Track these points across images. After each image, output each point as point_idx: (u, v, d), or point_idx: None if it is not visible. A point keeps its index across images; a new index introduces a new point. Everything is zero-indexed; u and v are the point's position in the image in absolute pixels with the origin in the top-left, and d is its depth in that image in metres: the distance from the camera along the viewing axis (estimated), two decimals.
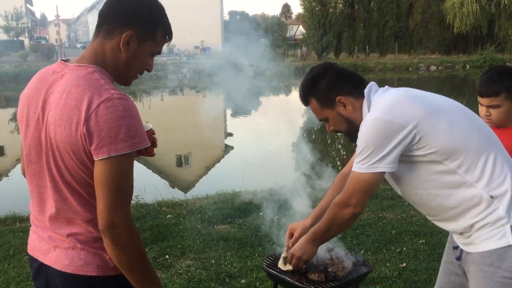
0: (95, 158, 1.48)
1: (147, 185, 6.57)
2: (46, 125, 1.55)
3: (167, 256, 4.26)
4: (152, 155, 2.09)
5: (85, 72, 1.55)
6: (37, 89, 1.61)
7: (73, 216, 1.59)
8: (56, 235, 1.62)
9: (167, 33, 1.69)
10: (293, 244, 2.35)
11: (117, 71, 1.64)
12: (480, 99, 2.40)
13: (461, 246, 1.97)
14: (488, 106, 2.37)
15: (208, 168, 10.22)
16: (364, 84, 2.04)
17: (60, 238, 1.61)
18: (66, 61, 1.64)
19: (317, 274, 2.37)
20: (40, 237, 1.68)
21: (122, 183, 1.50)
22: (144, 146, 1.52)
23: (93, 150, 1.47)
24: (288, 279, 2.39)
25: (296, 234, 2.43)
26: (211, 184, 7.48)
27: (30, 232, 1.76)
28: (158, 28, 1.65)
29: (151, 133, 2.05)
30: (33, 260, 1.72)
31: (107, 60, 1.61)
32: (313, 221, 2.39)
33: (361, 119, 1.94)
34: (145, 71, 1.74)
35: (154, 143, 2.08)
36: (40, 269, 1.68)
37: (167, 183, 8.27)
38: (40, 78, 1.64)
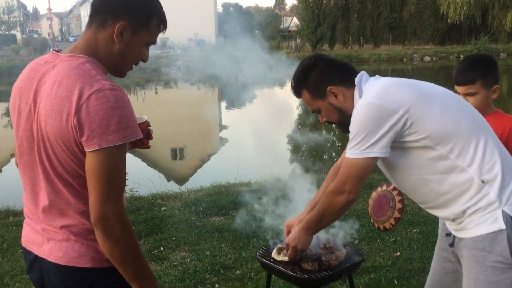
0: (86, 150, 1.46)
1: (142, 178, 6.56)
2: (38, 116, 1.53)
3: (161, 248, 4.26)
4: (147, 147, 2.07)
5: (77, 63, 1.53)
6: (29, 80, 1.60)
7: (66, 208, 1.57)
8: (50, 227, 1.61)
9: (162, 22, 1.67)
10: None
11: (111, 62, 1.62)
12: (457, 88, 2.44)
13: (454, 232, 1.98)
14: (465, 94, 2.40)
15: (203, 161, 10.21)
16: (354, 74, 2.04)
17: (54, 230, 1.60)
18: (58, 51, 1.61)
19: (310, 264, 2.38)
20: (34, 230, 1.67)
21: (114, 175, 1.48)
22: (136, 138, 1.50)
23: (84, 141, 1.45)
24: (282, 268, 2.40)
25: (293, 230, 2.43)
26: (206, 177, 7.48)
27: (24, 225, 1.74)
28: (152, 18, 1.63)
29: (146, 125, 2.03)
30: (27, 252, 1.71)
31: (100, 51, 1.59)
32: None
33: (353, 108, 1.94)
34: (141, 62, 1.72)
35: (149, 135, 2.06)
36: (35, 261, 1.67)
37: (162, 175, 8.26)
38: (32, 69, 1.62)
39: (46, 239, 1.62)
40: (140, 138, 2.01)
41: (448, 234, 2.06)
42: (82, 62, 1.54)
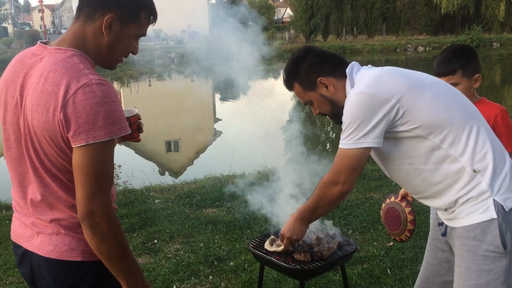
0: (73, 145, 1.44)
1: (135, 170, 6.54)
2: (24, 110, 1.51)
3: (155, 241, 4.26)
4: (138, 140, 2.06)
5: (64, 56, 1.50)
6: (16, 72, 1.57)
7: (55, 202, 1.56)
8: (39, 221, 1.60)
9: (151, 14, 1.64)
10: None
11: (100, 55, 1.59)
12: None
13: (446, 222, 1.98)
14: None
15: (197, 153, 10.19)
16: (345, 64, 2.03)
17: (43, 224, 1.59)
18: (45, 43, 1.58)
19: (302, 254, 2.39)
20: (23, 223, 1.65)
21: (101, 171, 1.47)
22: (124, 134, 1.48)
23: (71, 137, 1.43)
24: (274, 260, 2.40)
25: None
26: (200, 169, 7.47)
27: (13, 219, 1.73)
28: (141, 10, 1.60)
29: (136, 118, 2.02)
30: (16, 246, 1.70)
31: (88, 43, 1.56)
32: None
33: (345, 99, 1.94)
34: (131, 54, 1.69)
35: (140, 128, 2.05)
36: (24, 255, 1.66)
37: (155, 168, 8.24)
38: (19, 61, 1.59)
39: (35, 233, 1.61)
40: (131, 131, 2.01)
41: (441, 224, 2.07)
42: (70, 55, 1.51)
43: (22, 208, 1.66)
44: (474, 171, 1.80)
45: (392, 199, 2.70)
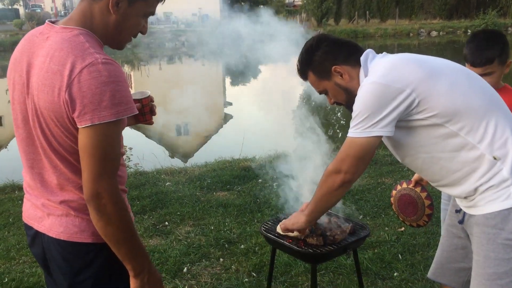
0: (79, 126, 1.42)
1: (146, 153, 6.55)
2: (31, 90, 1.49)
3: (166, 223, 4.27)
4: (151, 123, 2.03)
5: (70, 35, 1.47)
6: (24, 51, 1.55)
7: (64, 183, 1.55)
8: (49, 202, 1.59)
9: None
10: None
11: (107, 34, 1.56)
12: (471, 69, 2.35)
13: (464, 209, 1.95)
14: (482, 75, 2.31)
15: (207, 137, 10.19)
16: (360, 52, 1.99)
17: (53, 205, 1.58)
18: (53, 22, 1.55)
19: (315, 238, 2.37)
20: (34, 205, 1.64)
21: (107, 152, 1.44)
22: (130, 114, 1.45)
23: (76, 117, 1.41)
24: (286, 243, 2.39)
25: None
26: (210, 152, 7.47)
27: (24, 200, 1.72)
28: None
29: (149, 100, 1.99)
30: (28, 227, 1.69)
31: (96, 22, 1.53)
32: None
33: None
34: (140, 35, 1.66)
35: (152, 111, 2.02)
36: (36, 236, 1.66)
37: (166, 151, 8.26)
38: (28, 40, 1.57)
39: (46, 214, 1.60)
40: (143, 114, 1.98)
41: (458, 211, 2.03)
42: (76, 34, 1.48)
43: (32, 189, 1.65)
44: (494, 158, 1.75)
45: (404, 185, 2.66)
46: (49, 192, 1.58)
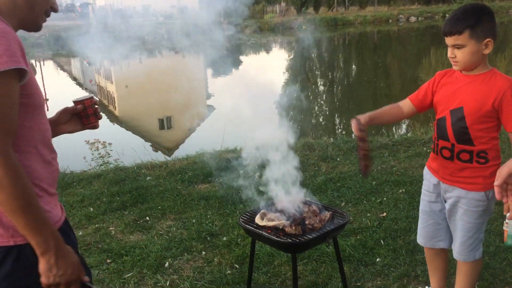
0: None
1: (126, 148, 6.47)
2: None
3: (147, 218, 4.22)
4: (96, 126, 2.00)
5: None
6: None
7: None
8: None
9: None
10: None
11: (18, 11, 1.51)
12: (446, 39, 2.28)
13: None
14: (453, 47, 2.25)
15: (190, 130, 10.12)
16: None
17: None
18: None
19: (294, 227, 2.35)
20: None
21: None
22: (10, 67, 1.36)
23: None
24: (265, 233, 2.37)
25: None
26: (193, 145, 7.41)
27: None
28: None
29: (92, 102, 1.96)
30: None
31: (2, 1, 1.49)
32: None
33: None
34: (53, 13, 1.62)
35: (97, 114, 1.99)
36: None
37: (146, 145, 8.17)
38: None
39: None
40: (87, 116, 1.94)
41: None
42: None
43: None
44: None
45: None
46: None
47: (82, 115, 1.96)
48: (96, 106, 1.97)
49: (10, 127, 1.40)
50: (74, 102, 1.94)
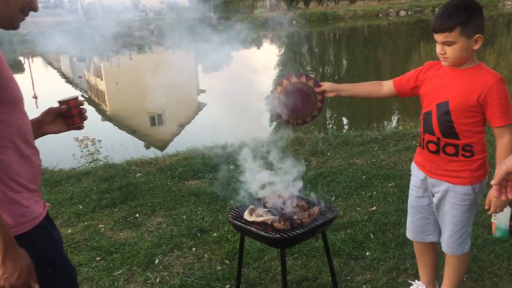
0: None
1: (115, 145, 6.43)
2: None
3: (137, 215, 4.20)
4: (81, 127, 1.98)
5: None
6: None
7: None
8: None
9: None
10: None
11: None
12: (435, 36, 2.26)
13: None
14: (443, 43, 2.23)
15: (181, 126, 10.09)
16: None
17: None
18: None
19: (282, 223, 2.35)
20: None
21: None
22: None
23: None
24: (254, 229, 2.36)
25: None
26: (183, 141, 7.39)
27: None
28: None
29: (77, 102, 1.93)
30: None
31: None
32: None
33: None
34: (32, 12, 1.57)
35: (82, 114, 1.96)
36: None
37: (136, 142, 8.13)
38: None
39: None
40: (71, 116, 1.92)
41: None
42: None
43: None
44: None
45: (294, 79, 2.63)
46: None
47: (67, 116, 1.94)
48: (82, 106, 1.95)
49: None
50: (59, 102, 1.92)
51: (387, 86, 2.59)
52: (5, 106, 1.50)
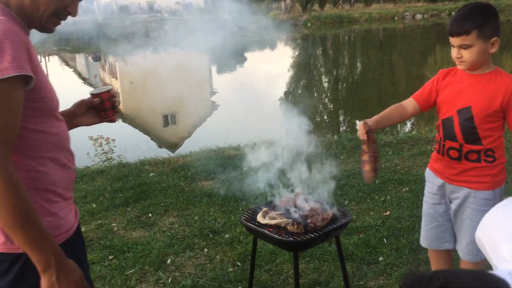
0: None
1: (129, 144, 6.46)
2: None
3: (150, 215, 4.22)
4: (113, 120, 1.94)
5: None
6: None
7: None
8: None
9: None
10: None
11: (24, 9, 1.45)
12: (450, 40, 2.23)
13: None
14: (459, 47, 2.20)
15: (195, 126, 10.12)
16: None
17: None
18: None
19: (296, 226, 2.34)
20: None
21: None
22: (11, 75, 1.30)
23: None
24: (267, 232, 2.35)
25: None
26: (196, 142, 7.40)
27: None
28: None
29: (109, 95, 1.89)
30: None
31: None
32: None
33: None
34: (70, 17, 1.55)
35: (114, 107, 1.92)
36: None
37: (150, 142, 8.17)
38: None
39: None
40: (104, 109, 1.89)
41: None
42: None
43: None
44: None
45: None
46: None
47: (100, 108, 1.89)
48: (115, 98, 1.91)
49: (9, 136, 1.34)
50: (91, 94, 1.88)
51: (411, 107, 2.52)
52: (44, 116, 1.47)
